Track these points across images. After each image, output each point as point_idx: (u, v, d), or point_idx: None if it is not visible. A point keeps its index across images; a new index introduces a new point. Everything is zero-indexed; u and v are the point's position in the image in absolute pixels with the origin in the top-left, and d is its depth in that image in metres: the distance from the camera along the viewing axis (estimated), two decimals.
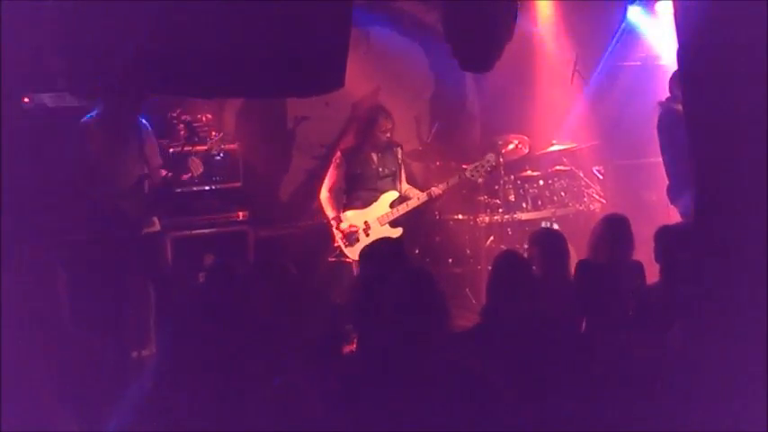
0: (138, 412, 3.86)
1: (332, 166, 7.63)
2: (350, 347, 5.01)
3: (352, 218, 7.45)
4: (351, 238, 7.38)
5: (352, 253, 7.28)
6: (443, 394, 3.67)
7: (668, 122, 6.77)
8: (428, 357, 3.79)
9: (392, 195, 7.54)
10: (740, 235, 3.81)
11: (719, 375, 3.60)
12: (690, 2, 4.07)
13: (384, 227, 7.43)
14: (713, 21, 3.88)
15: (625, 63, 9.10)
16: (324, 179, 7.64)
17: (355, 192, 7.54)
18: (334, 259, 7.57)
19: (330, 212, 7.50)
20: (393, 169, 7.59)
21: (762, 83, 3.78)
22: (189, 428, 3.81)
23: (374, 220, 7.43)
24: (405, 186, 7.66)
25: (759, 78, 3.77)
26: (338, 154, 7.67)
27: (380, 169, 7.57)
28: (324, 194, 7.57)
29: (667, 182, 6.96)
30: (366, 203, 7.49)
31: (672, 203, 6.95)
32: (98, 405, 4.14)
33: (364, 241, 7.20)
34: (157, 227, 6.58)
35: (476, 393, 3.66)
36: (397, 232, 7.47)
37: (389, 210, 7.47)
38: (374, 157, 7.57)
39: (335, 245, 7.46)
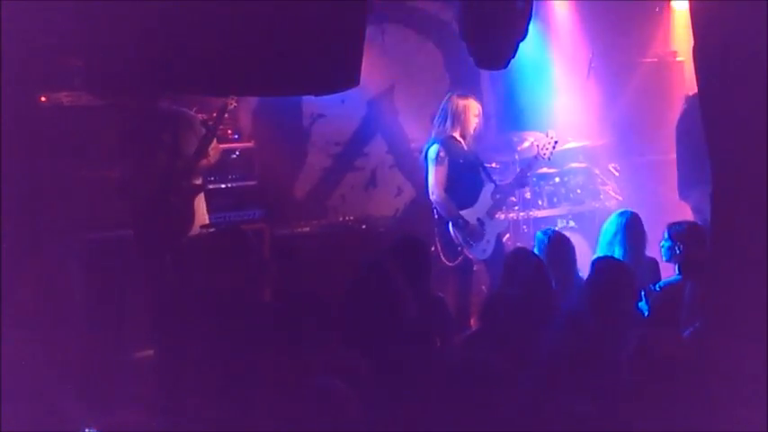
0: None
1: (433, 162, 7.01)
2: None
3: (467, 217, 7.04)
4: (474, 234, 7.00)
5: (475, 253, 7.04)
6: (456, 390, 3.69)
7: (688, 118, 6.76)
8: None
9: (491, 186, 7.20)
10: (755, 234, 3.79)
11: (720, 374, 3.59)
12: (706, 2, 4.06)
13: (494, 219, 7.15)
14: (729, 20, 3.87)
15: (642, 59, 9.07)
16: (432, 179, 7.01)
17: (458, 184, 7.05)
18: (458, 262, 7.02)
19: (451, 211, 6.99)
20: (479, 156, 7.29)
21: None
22: None
23: (484, 214, 7.10)
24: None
25: None
26: (436, 146, 7.07)
27: (474, 158, 7.18)
28: (440, 194, 6.98)
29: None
30: (472, 199, 7.10)
31: (681, 198, 6.92)
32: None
33: (484, 238, 7.05)
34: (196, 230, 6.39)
35: (488, 388, 3.68)
36: (504, 224, 7.39)
37: (492, 201, 7.15)
38: (465, 144, 7.14)
39: (459, 247, 6.99)
